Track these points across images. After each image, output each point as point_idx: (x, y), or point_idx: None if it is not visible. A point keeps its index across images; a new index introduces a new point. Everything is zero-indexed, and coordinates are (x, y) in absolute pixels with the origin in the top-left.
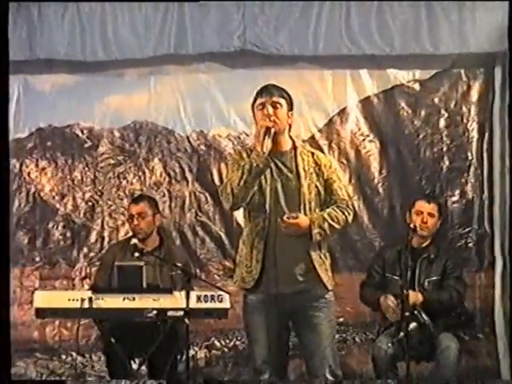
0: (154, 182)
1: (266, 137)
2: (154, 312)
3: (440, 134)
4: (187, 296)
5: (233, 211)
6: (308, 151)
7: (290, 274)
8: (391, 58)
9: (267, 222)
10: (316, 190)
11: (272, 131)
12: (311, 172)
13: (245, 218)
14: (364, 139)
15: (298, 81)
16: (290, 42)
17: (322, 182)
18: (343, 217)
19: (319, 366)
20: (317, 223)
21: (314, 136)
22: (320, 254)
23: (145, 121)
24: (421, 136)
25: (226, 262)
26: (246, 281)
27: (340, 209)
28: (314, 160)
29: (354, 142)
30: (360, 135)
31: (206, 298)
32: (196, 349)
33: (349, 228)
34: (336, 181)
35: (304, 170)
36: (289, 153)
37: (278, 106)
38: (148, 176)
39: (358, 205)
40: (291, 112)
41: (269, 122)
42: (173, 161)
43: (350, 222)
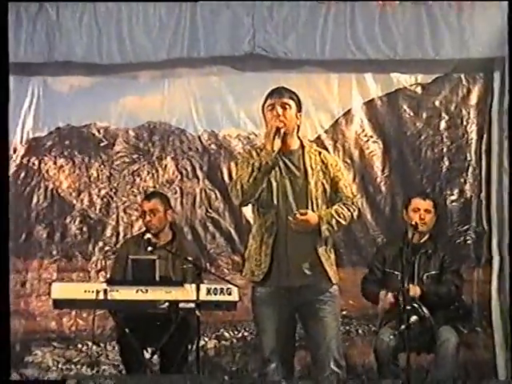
0: (167, 179)
1: (275, 136)
2: (166, 304)
3: (440, 136)
4: (198, 289)
5: (242, 207)
6: (315, 150)
7: (298, 268)
8: (394, 63)
9: (276, 217)
10: (322, 187)
11: (282, 131)
12: (318, 170)
13: (254, 213)
14: (368, 140)
15: (306, 84)
16: (298, 46)
17: (329, 181)
18: (349, 214)
19: (324, 356)
20: (325, 219)
21: (320, 136)
22: (326, 249)
23: (158, 121)
24: (422, 137)
25: (235, 257)
26: (255, 274)
27: (346, 206)
28: (321, 159)
29: (358, 142)
30: (364, 136)
31: (215, 290)
32: (206, 339)
33: (352, 224)
34: (341, 179)
35: (311, 169)
36: (297, 152)
37: (287, 107)
38: (161, 174)
39: (362, 202)
40: (300, 113)
41: (279, 122)
42: (185, 159)
43: (355, 219)
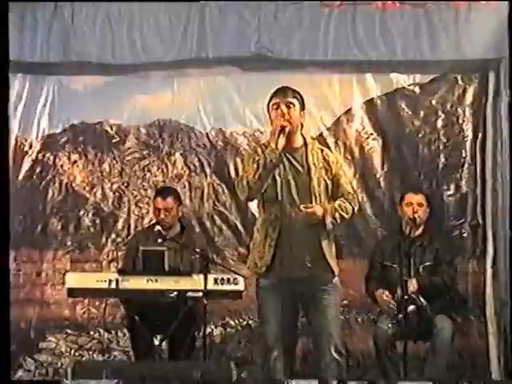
0: (176, 174)
1: (280, 135)
2: (175, 293)
3: (437, 133)
4: (205, 279)
5: (248, 202)
6: (318, 148)
7: (301, 260)
8: (393, 64)
9: (280, 212)
10: (324, 183)
11: (286, 130)
12: (320, 167)
13: (259, 208)
14: (368, 137)
15: (309, 84)
16: (301, 48)
17: (330, 177)
18: (350, 208)
19: (325, 344)
20: (329, 212)
21: (322, 134)
22: (328, 242)
23: (168, 119)
24: (420, 135)
25: (241, 249)
26: (258, 266)
27: (348, 201)
28: (323, 156)
29: (358, 139)
30: (364, 133)
31: (222, 280)
32: (212, 327)
33: (353, 218)
34: (342, 176)
35: (314, 165)
36: (300, 149)
37: (291, 106)
38: (170, 169)
39: (362, 197)
40: (303, 112)
41: (283, 121)
42: (193, 155)
43: (355, 213)
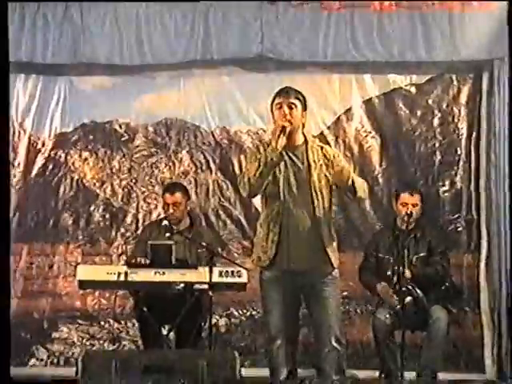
0: (182, 171)
1: (281, 135)
2: (182, 285)
3: (433, 132)
4: (210, 271)
5: (249, 198)
6: (318, 146)
7: (302, 253)
8: (391, 65)
9: (281, 207)
10: (326, 179)
11: (287, 130)
12: (321, 164)
13: (262, 204)
14: (367, 135)
15: (309, 84)
16: (302, 49)
17: (331, 172)
18: (364, 185)
19: (326, 334)
20: (356, 179)
21: (322, 132)
22: (330, 235)
23: (175, 118)
24: (416, 133)
25: (245, 242)
26: (261, 259)
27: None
28: (323, 153)
29: (357, 137)
30: (363, 132)
31: (226, 273)
32: (217, 317)
33: (353, 213)
34: (344, 167)
35: (314, 162)
36: (301, 147)
37: (293, 106)
38: (177, 166)
39: None
40: (305, 112)
41: (285, 121)
42: (199, 153)
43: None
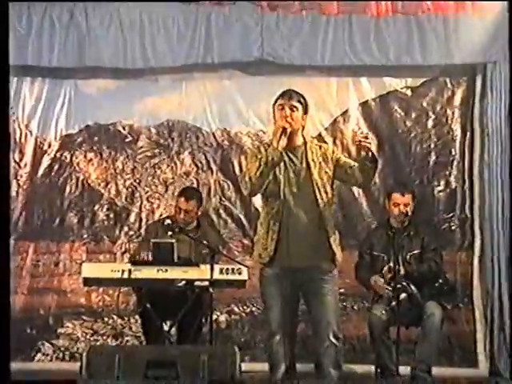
0: (184, 171)
1: (282, 136)
2: (183, 282)
3: (428, 133)
4: (211, 269)
5: (250, 197)
6: (316, 145)
7: (303, 251)
8: (387, 68)
9: (281, 206)
10: (327, 175)
11: (288, 131)
12: (320, 161)
13: (262, 202)
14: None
15: (308, 87)
16: (301, 53)
17: (332, 168)
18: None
19: (324, 330)
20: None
21: (320, 134)
22: (334, 230)
23: (177, 119)
24: (412, 134)
25: (245, 241)
26: (262, 257)
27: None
28: (322, 152)
29: (354, 139)
30: (360, 133)
31: (227, 270)
32: (218, 314)
33: (350, 212)
34: (342, 158)
35: (313, 161)
36: (300, 148)
37: (295, 109)
38: (179, 166)
39: (358, 192)
40: (306, 115)
41: (285, 122)
42: (200, 154)
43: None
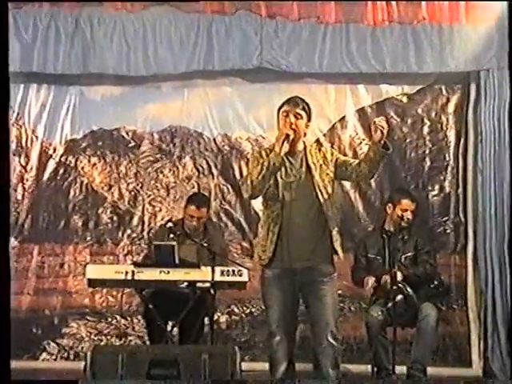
0: (186, 176)
1: (284, 142)
2: (185, 283)
3: (423, 139)
4: (213, 270)
5: (251, 200)
6: (315, 148)
7: (302, 253)
8: (383, 76)
9: (281, 209)
10: (328, 176)
11: (290, 138)
12: (320, 164)
13: (263, 206)
14: (360, 142)
15: (306, 93)
16: (300, 61)
17: (332, 169)
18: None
19: (323, 330)
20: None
21: (319, 139)
22: (337, 231)
23: (179, 125)
24: (407, 140)
25: (245, 243)
26: (262, 258)
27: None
28: (321, 155)
29: (352, 144)
30: (357, 139)
31: (228, 272)
32: (219, 314)
33: (347, 215)
34: (342, 158)
35: (314, 164)
36: (300, 153)
37: (299, 116)
38: (181, 171)
39: (355, 196)
40: (309, 123)
41: (289, 129)
42: (201, 158)
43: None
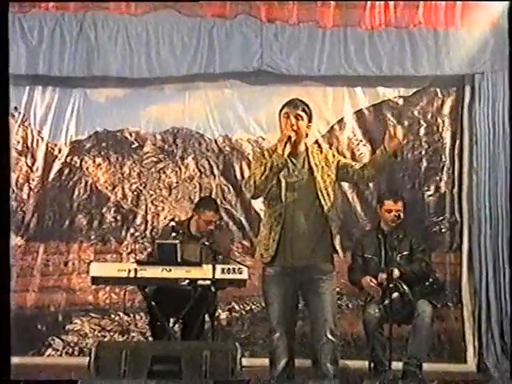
0: (188, 176)
1: (287, 144)
2: (187, 281)
3: (419, 140)
4: (213, 268)
5: (253, 199)
6: (317, 150)
7: (302, 252)
8: (380, 79)
9: (283, 209)
10: (329, 178)
11: (292, 140)
12: (322, 166)
13: (264, 205)
14: (358, 143)
15: (305, 96)
16: (299, 64)
17: (334, 171)
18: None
19: (322, 327)
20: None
21: (317, 140)
22: (337, 231)
23: (181, 127)
24: (404, 142)
25: (245, 242)
26: (264, 257)
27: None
28: (323, 157)
29: (350, 145)
30: (355, 140)
31: (228, 270)
32: (219, 311)
33: (345, 214)
34: (343, 160)
35: (316, 165)
36: (302, 154)
37: (300, 118)
38: (183, 171)
39: (352, 196)
40: (310, 124)
41: (291, 131)
42: (203, 159)
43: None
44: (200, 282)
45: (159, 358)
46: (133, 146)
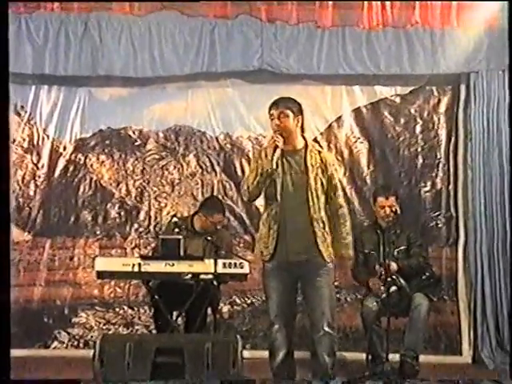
0: (190, 172)
1: (273, 155)
2: (189, 275)
3: (416, 138)
4: (215, 263)
5: (250, 202)
6: (316, 150)
7: (298, 248)
8: (378, 77)
9: (280, 208)
10: (320, 181)
11: (278, 150)
12: (317, 167)
13: (263, 204)
14: (356, 141)
15: (304, 94)
16: (298, 63)
17: (326, 177)
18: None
19: (319, 320)
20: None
21: (316, 138)
22: (324, 232)
23: (183, 124)
24: (400, 139)
25: (246, 237)
26: (263, 254)
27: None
28: (321, 158)
29: (347, 143)
30: (353, 137)
31: (230, 264)
32: (221, 305)
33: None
34: (336, 178)
35: (312, 166)
36: (300, 151)
37: (283, 115)
38: (185, 168)
39: (351, 192)
40: (298, 117)
41: (277, 135)
42: (204, 156)
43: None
44: (202, 276)
45: (163, 351)
46: (136, 144)
